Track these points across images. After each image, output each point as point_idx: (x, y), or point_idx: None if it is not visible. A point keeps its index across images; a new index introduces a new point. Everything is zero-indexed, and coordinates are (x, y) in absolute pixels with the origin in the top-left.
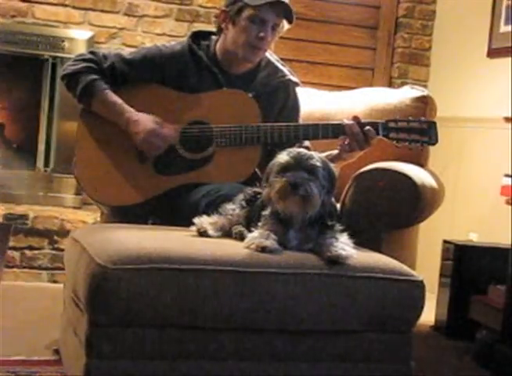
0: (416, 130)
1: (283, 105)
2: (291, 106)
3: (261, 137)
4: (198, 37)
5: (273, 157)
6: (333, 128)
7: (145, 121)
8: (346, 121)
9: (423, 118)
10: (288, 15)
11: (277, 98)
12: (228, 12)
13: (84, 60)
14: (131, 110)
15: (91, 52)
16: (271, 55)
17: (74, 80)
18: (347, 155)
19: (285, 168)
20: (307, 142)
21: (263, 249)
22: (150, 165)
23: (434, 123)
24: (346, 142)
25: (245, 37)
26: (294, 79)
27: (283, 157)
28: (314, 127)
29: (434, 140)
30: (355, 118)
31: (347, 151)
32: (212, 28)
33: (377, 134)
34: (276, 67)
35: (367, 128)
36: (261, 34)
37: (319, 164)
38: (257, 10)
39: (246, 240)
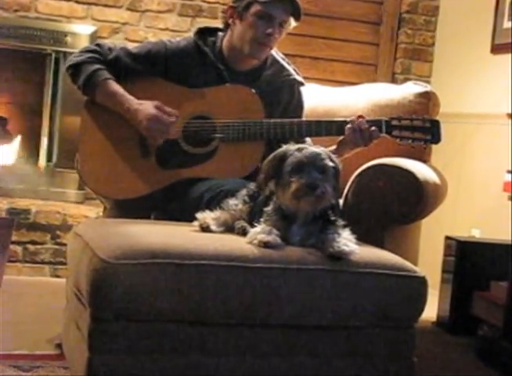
0: (420, 128)
1: (287, 104)
2: (295, 106)
3: (264, 132)
4: (204, 33)
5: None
6: (337, 125)
7: (145, 108)
8: (351, 118)
9: (426, 116)
10: (296, 12)
11: (282, 97)
12: (236, 8)
13: (90, 51)
14: (133, 99)
15: (97, 44)
16: (277, 53)
17: (78, 70)
18: (345, 151)
19: (298, 168)
20: (308, 140)
21: (265, 244)
22: (153, 159)
23: (438, 121)
24: (350, 138)
25: (252, 34)
26: (299, 79)
27: (296, 155)
28: (317, 123)
29: (437, 139)
30: (360, 117)
31: (350, 147)
32: (216, 24)
33: (380, 131)
34: (282, 66)
35: (372, 127)
36: (269, 31)
37: (331, 164)
38: (265, 6)
39: (248, 236)
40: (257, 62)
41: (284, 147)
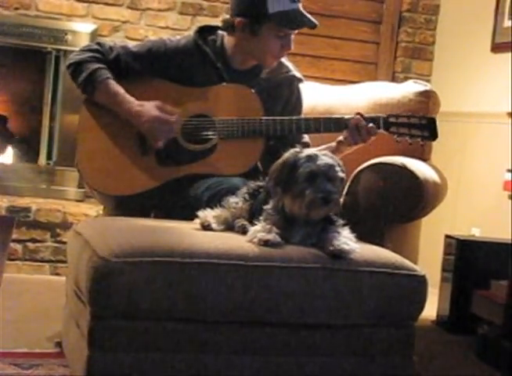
0: (417, 125)
1: (286, 101)
2: (294, 103)
3: (263, 130)
4: (204, 31)
5: (275, 152)
6: (335, 122)
7: (147, 109)
8: (350, 116)
9: (422, 114)
10: (312, 25)
11: (281, 93)
12: (249, 24)
13: (91, 50)
14: (133, 100)
15: (98, 44)
16: None
17: (79, 69)
18: (344, 148)
19: (311, 178)
20: (306, 138)
21: (265, 243)
22: (152, 156)
23: (434, 119)
24: (349, 136)
25: (270, 50)
26: (298, 75)
27: (308, 165)
28: (315, 120)
29: (433, 136)
30: (358, 114)
31: (349, 144)
32: (216, 22)
33: (378, 128)
34: (281, 62)
35: (370, 123)
36: (287, 47)
37: (342, 174)
38: (284, 27)
39: (248, 234)
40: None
41: (293, 153)
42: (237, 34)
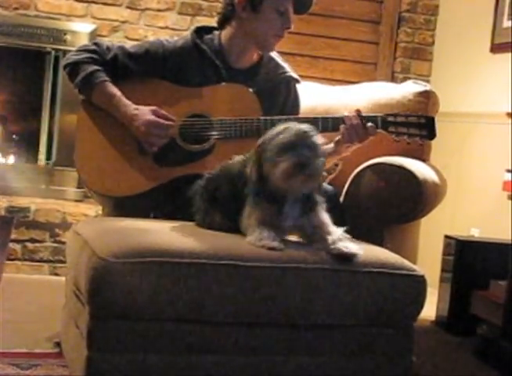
0: (415, 125)
1: (284, 101)
2: (292, 103)
3: (261, 129)
4: (201, 31)
5: None
6: (333, 121)
7: (142, 114)
8: (348, 114)
9: (421, 113)
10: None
11: (279, 94)
12: (251, 1)
13: (88, 51)
14: (129, 103)
15: (95, 44)
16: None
17: (76, 69)
18: (342, 148)
19: (288, 147)
20: None
21: (270, 250)
22: (150, 157)
23: (433, 118)
24: (345, 133)
25: (271, 28)
26: (295, 76)
27: (285, 135)
28: (313, 119)
29: (432, 135)
30: (357, 111)
31: (346, 143)
32: (215, 23)
33: (376, 128)
34: (278, 63)
35: (368, 123)
36: (287, 26)
37: (320, 141)
38: (286, 3)
39: (252, 239)
40: (255, 58)
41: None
42: (236, 17)
